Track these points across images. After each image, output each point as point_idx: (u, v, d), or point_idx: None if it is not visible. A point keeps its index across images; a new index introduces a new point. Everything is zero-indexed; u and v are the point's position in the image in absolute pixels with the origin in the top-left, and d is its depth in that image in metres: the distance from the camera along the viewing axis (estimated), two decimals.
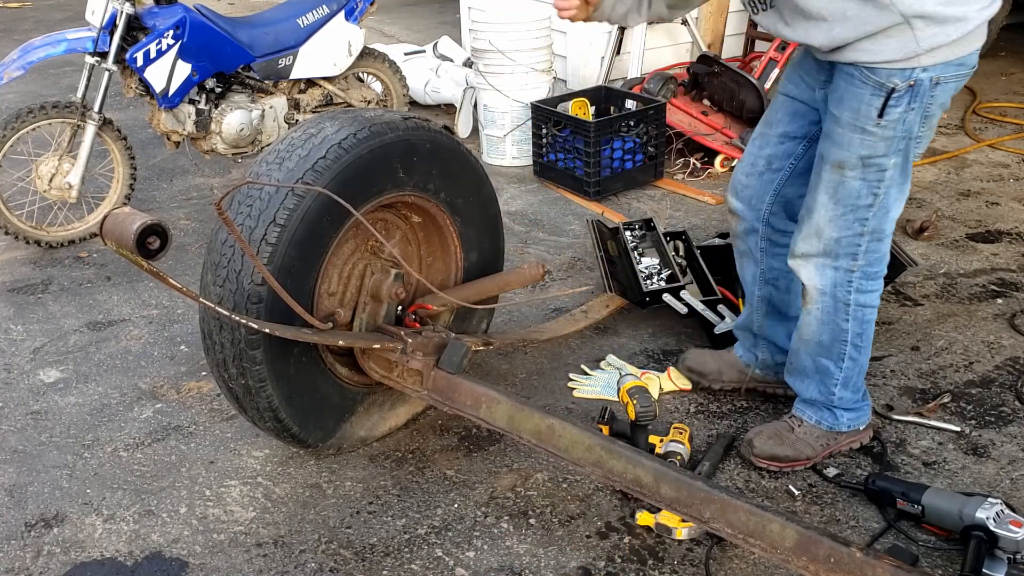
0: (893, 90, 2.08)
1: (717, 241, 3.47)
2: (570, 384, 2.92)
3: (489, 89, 4.62)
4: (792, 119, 2.42)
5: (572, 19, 2.43)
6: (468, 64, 5.45)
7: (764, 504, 2.14)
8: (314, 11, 4.14)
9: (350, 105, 4.36)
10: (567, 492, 2.47)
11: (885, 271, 2.39)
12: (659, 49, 5.52)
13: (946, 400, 2.78)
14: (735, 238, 2.66)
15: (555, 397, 2.87)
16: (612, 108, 4.53)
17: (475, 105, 4.95)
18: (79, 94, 3.79)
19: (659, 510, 2.23)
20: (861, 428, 2.55)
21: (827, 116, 2.23)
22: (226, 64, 3.96)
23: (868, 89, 2.10)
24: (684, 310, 3.04)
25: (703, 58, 4.82)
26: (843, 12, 2.06)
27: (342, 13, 4.21)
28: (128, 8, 3.72)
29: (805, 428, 2.53)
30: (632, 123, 4.28)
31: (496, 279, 2.76)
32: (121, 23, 3.72)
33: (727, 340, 2.96)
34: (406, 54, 5.60)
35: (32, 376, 3.06)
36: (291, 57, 4.12)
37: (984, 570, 2.08)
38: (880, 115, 2.10)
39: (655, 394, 2.80)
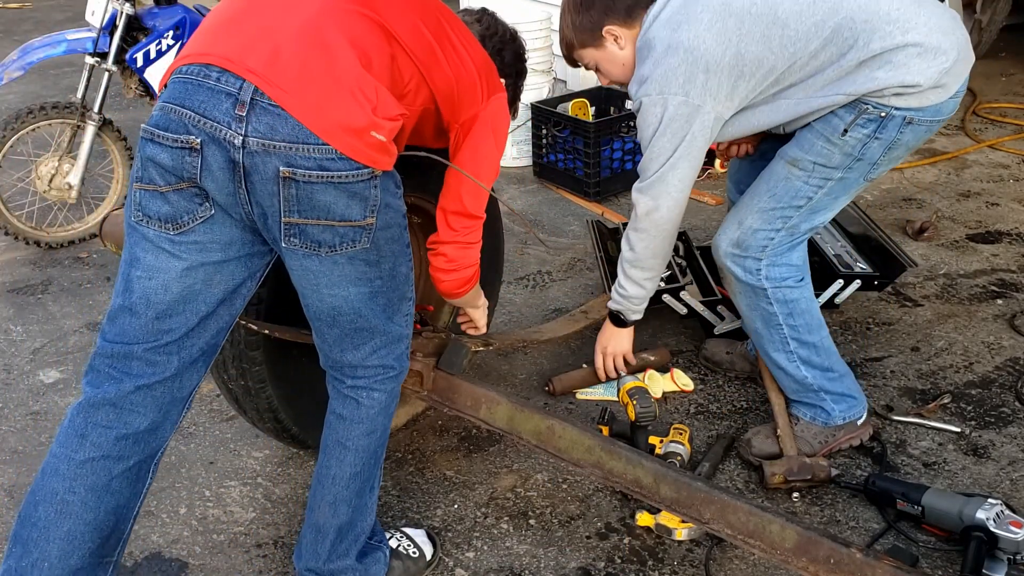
0: (863, 111, 2.16)
1: None
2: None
3: None
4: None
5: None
6: None
7: (764, 505, 2.14)
8: None
9: None
10: (567, 493, 2.47)
11: (797, 260, 2.43)
12: None
13: (946, 401, 2.78)
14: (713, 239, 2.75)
15: (555, 398, 2.87)
16: (612, 109, 4.53)
17: None
18: (79, 95, 3.78)
19: (659, 511, 2.23)
20: (858, 422, 2.55)
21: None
22: None
23: (843, 105, 2.18)
24: (684, 310, 3.04)
25: None
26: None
27: None
28: (128, 8, 3.72)
29: (802, 426, 2.53)
30: (632, 124, 4.28)
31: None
32: (121, 23, 3.72)
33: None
34: None
35: (32, 377, 3.06)
36: None
37: (984, 571, 2.07)
38: (844, 131, 2.19)
39: (657, 393, 2.80)
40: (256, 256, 1.84)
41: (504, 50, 2.28)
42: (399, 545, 2.19)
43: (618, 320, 2.68)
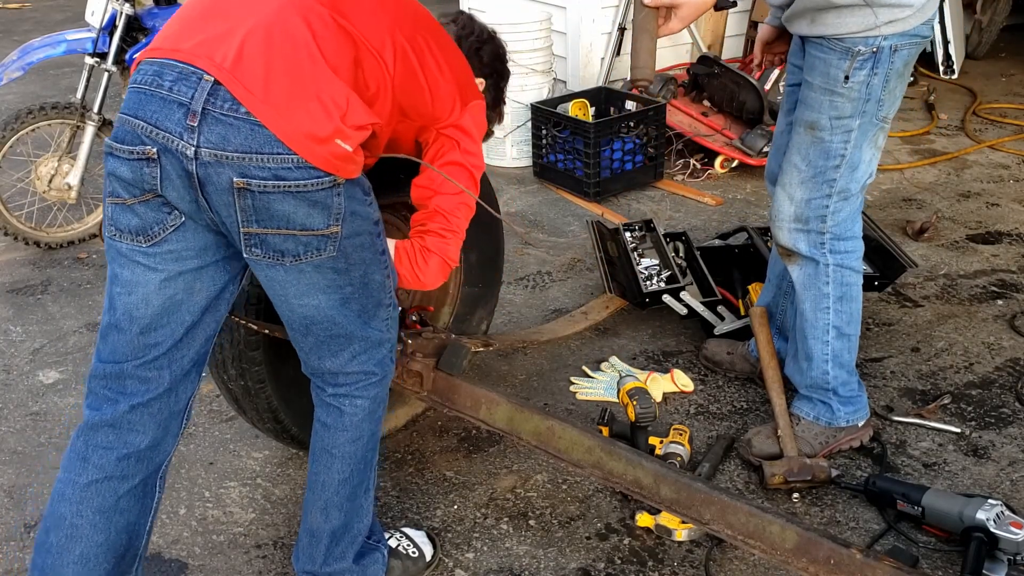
0: (857, 54, 2.23)
1: (717, 242, 3.47)
2: (572, 388, 2.92)
3: None
4: (794, 105, 2.51)
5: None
6: None
7: (764, 505, 2.14)
8: None
9: None
10: (567, 493, 2.47)
11: (859, 232, 2.47)
12: (659, 50, 5.50)
13: (946, 401, 2.78)
14: (770, 221, 2.72)
15: (555, 398, 2.87)
16: (612, 109, 4.53)
17: None
18: (78, 95, 3.78)
19: (659, 512, 2.23)
20: (859, 424, 2.55)
21: (803, 84, 2.37)
22: None
23: (835, 55, 2.25)
24: (684, 311, 3.04)
25: (703, 59, 4.82)
26: None
27: None
28: (128, 9, 3.71)
29: (803, 426, 2.53)
30: (632, 124, 4.28)
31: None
32: (121, 24, 3.72)
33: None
34: None
35: (31, 377, 3.05)
36: None
37: (984, 571, 2.07)
38: (846, 78, 2.26)
39: (658, 395, 2.80)
40: (234, 259, 1.80)
41: (481, 50, 2.23)
42: (399, 545, 2.19)
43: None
